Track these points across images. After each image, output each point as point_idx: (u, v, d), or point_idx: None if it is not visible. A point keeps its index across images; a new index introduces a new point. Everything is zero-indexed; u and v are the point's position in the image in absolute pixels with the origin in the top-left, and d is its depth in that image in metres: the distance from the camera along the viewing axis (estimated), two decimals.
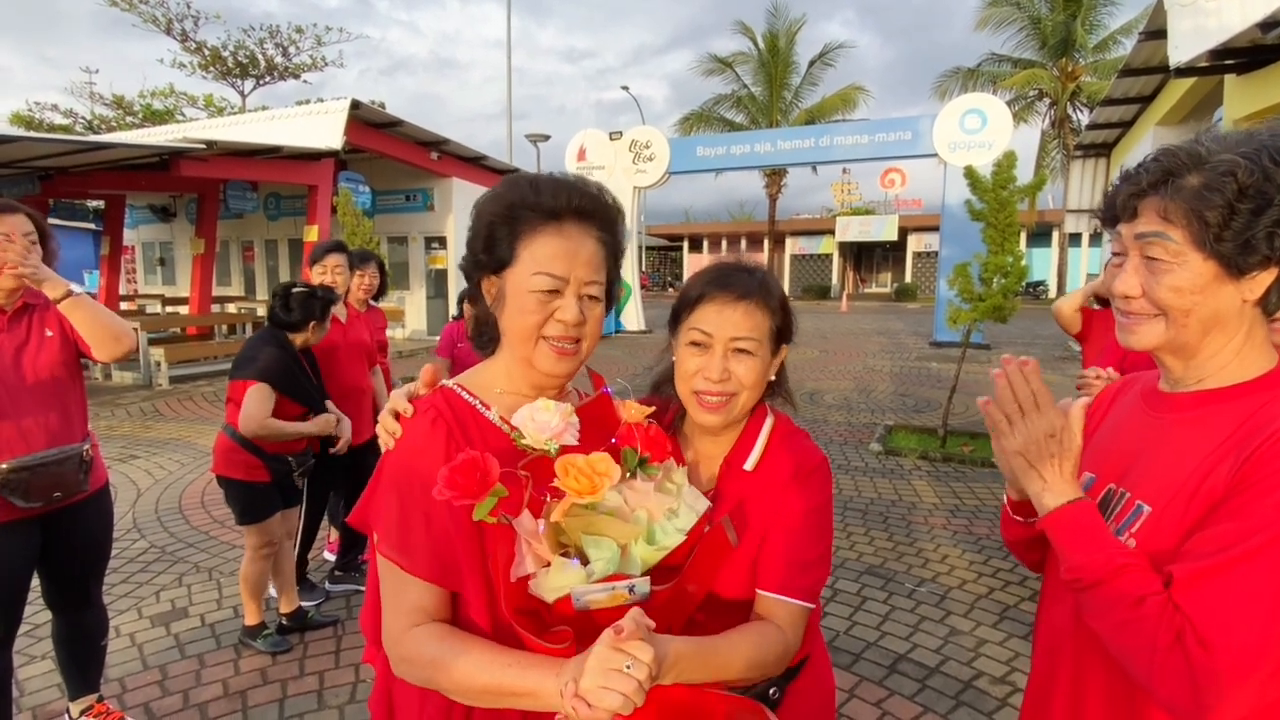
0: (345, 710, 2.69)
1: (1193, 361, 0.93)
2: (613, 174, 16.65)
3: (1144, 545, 0.90)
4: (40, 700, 2.74)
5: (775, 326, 1.15)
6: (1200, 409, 0.93)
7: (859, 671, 2.94)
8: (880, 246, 34.73)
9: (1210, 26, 7.06)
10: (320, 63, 30.07)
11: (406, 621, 0.94)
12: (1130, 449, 1.00)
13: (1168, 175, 0.87)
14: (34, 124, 26.57)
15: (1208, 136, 0.88)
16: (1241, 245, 0.83)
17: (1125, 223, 0.92)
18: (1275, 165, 0.82)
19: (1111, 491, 0.99)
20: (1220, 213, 0.83)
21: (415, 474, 0.96)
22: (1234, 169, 0.82)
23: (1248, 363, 0.91)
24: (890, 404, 8.54)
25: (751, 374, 1.11)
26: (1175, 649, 0.79)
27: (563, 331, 1.02)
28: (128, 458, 6.20)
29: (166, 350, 9.94)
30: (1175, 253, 0.87)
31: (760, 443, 1.15)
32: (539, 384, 1.07)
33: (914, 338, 15.84)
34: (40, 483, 2.11)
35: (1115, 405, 1.13)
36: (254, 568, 3.03)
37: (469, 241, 1.07)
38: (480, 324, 1.12)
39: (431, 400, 1.04)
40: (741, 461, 1.15)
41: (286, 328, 3.00)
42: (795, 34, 29.18)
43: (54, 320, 2.24)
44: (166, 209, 17.74)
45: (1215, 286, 0.87)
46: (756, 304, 1.12)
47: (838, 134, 15.83)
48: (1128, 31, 23.22)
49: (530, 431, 0.98)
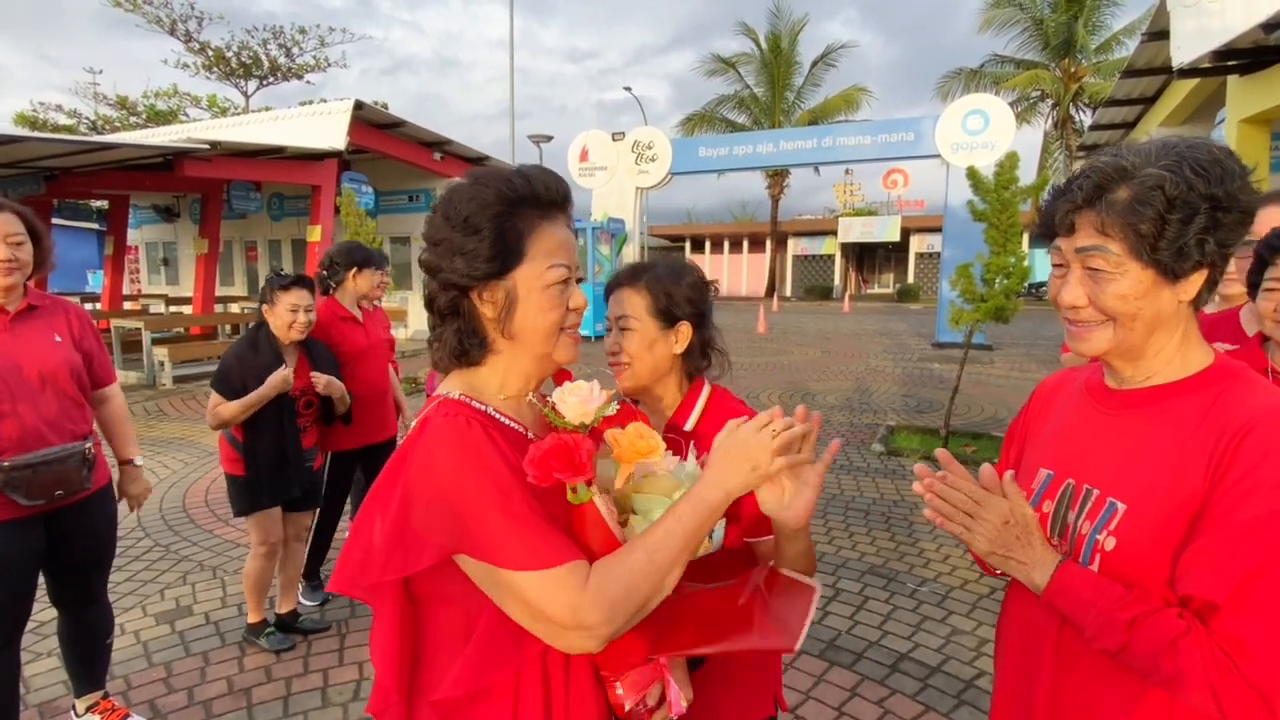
0: (349, 708, 2.70)
1: (1140, 361, 0.99)
2: (615, 174, 16.66)
3: (1124, 542, 0.93)
4: (46, 697, 2.75)
5: (658, 307, 1.36)
6: (1156, 404, 0.97)
7: (861, 671, 2.94)
8: (883, 247, 34.70)
9: (1213, 27, 7.06)
10: (323, 63, 30.16)
11: (572, 601, 0.86)
12: (1083, 443, 1.04)
13: (1099, 190, 0.92)
14: (38, 124, 26.65)
15: (1128, 149, 0.94)
16: (1176, 253, 0.89)
17: (1064, 237, 0.97)
18: (1195, 176, 0.87)
19: (1071, 486, 1.03)
20: (1153, 225, 0.88)
21: (498, 475, 0.90)
22: (1161, 183, 0.88)
23: (1190, 358, 0.97)
24: (892, 404, 8.53)
25: (633, 345, 1.35)
26: (1232, 673, 0.81)
27: (577, 319, 1.04)
28: None
29: (170, 350, 9.96)
30: (1116, 263, 0.92)
31: (698, 407, 1.38)
32: (545, 375, 1.07)
33: (916, 338, 15.83)
34: (42, 481, 2.12)
35: (1055, 401, 1.17)
36: (254, 565, 3.04)
37: (464, 249, 0.97)
38: (467, 336, 1.01)
39: (453, 409, 0.96)
40: (683, 423, 1.37)
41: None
42: (798, 34, 29.23)
43: (64, 327, 2.26)
44: (170, 209, 17.77)
45: (1156, 291, 0.92)
46: (631, 289, 1.38)
47: (840, 135, 15.81)
48: (1130, 32, 23.21)
49: (571, 406, 0.97)
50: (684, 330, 1.37)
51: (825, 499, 5.12)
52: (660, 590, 0.91)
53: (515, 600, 0.89)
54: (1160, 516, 0.91)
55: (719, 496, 0.93)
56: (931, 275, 32.61)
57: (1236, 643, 0.82)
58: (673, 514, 0.93)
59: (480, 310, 1.00)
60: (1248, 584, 0.82)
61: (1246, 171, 0.91)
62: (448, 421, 0.93)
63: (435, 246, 1.00)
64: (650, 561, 0.89)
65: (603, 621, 0.87)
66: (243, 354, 2.92)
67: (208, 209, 13.06)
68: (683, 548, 0.91)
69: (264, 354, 2.92)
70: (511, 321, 1.00)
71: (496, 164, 1.09)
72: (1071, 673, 0.99)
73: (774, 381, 10.09)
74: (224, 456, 3.03)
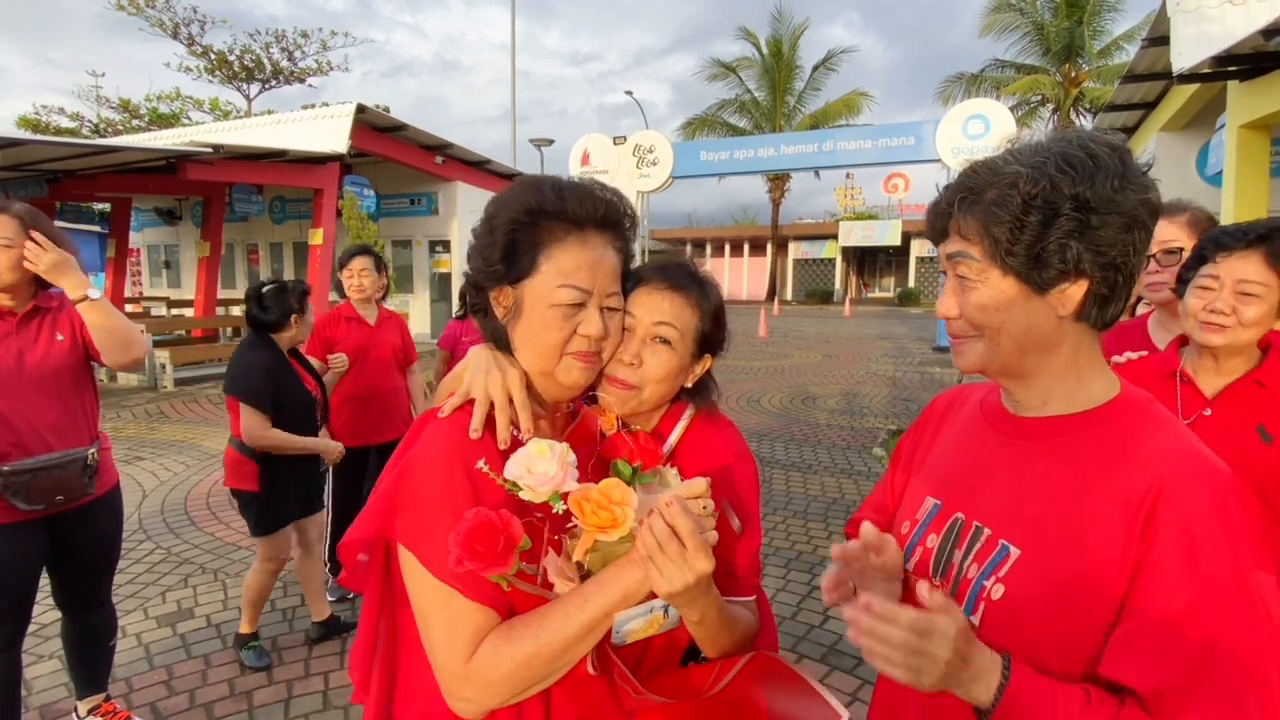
0: (350, 711, 2.70)
1: (1026, 382, 0.89)
2: (616, 178, 16.66)
3: (1014, 593, 0.83)
4: (48, 699, 2.76)
5: (702, 329, 1.13)
6: (1054, 437, 0.88)
7: (861, 675, 2.94)
8: (883, 251, 34.68)
9: (1213, 33, 7.07)
10: (325, 67, 30.26)
11: (469, 651, 0.86)
12: (975, 473, 0.94)
13: (967, 191, 0.84)
14: (41, 127, 26.70)
15: (1013, 147, 0.85)
16: (1033, 259, 0.80)
17: (939, 243, 0.90)
18: (1061, 173, 0.78)
19: (960, 521, 0.93)
20: (1008, 227, 0.80)
21: (459, 487, 0.89)
22: (1017, 180, 0.79)
23: (1091, 387, 0.88)
24: (893, 409, 8.54)
25: (662, 368, 1.08)
26: None
27: (587, 347, 0.98)
28: (133, 459, 6.23)
29: (172, 352, 9.99)
30: (978, 270, 0.84)
31: (675, 434, 1.13)
32: (557, 396, 1.04)
33: (917, 342, 15.83)
34: (42, 486, 2.11)
35: (948, 420, 1.07)
36: (259, 579, 2.99)
37: (482, 249, 0.99)
38: (491, 337, 1.03)
39: (468, 411, 0.96)
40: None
41: (268, 329, 2.93)
42: (799, 39, 29.30)
43: (66, 324, 2.24)
44: (172, 212, 17.82)
45: (1022, 302, 0.83)
46: (687, 297, 1.11)
47: (841, 139, 15.85)
48: (1131, 38, 23.25)
49: (529, 485, 0.87)
50: (704, 364, 1.18)
51: (826, 503, 5.12)
52: (553, 673, 0.88)
53: (423, 617, 0.89)
54: (1058, 570, 0.80)
55: (638, 577, 0.86)
56: (932, 279, 32.63)
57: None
58: (578, 595, 0.87)
59: (499, 314, 1.01)
60: (1195, 671, 0.72)
61: (1131, 172, 0.80)
62: (455, 420, 0.94)
63: (474, 241, 1.02)
64: (538, 654, 0.85)
65: (478, 698, 0.86)
66: (264, 362, 2.89)
67: (210, 212, 13.10)
68: (579, 636, 0.86)
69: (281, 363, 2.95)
70: (515, 331, 1.00)
71: (542, 176, 1.02)
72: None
73: (775, 385, 10.08)
74: (232, 472, 2.89)
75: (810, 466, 6.06)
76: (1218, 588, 0.73)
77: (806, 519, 4.79)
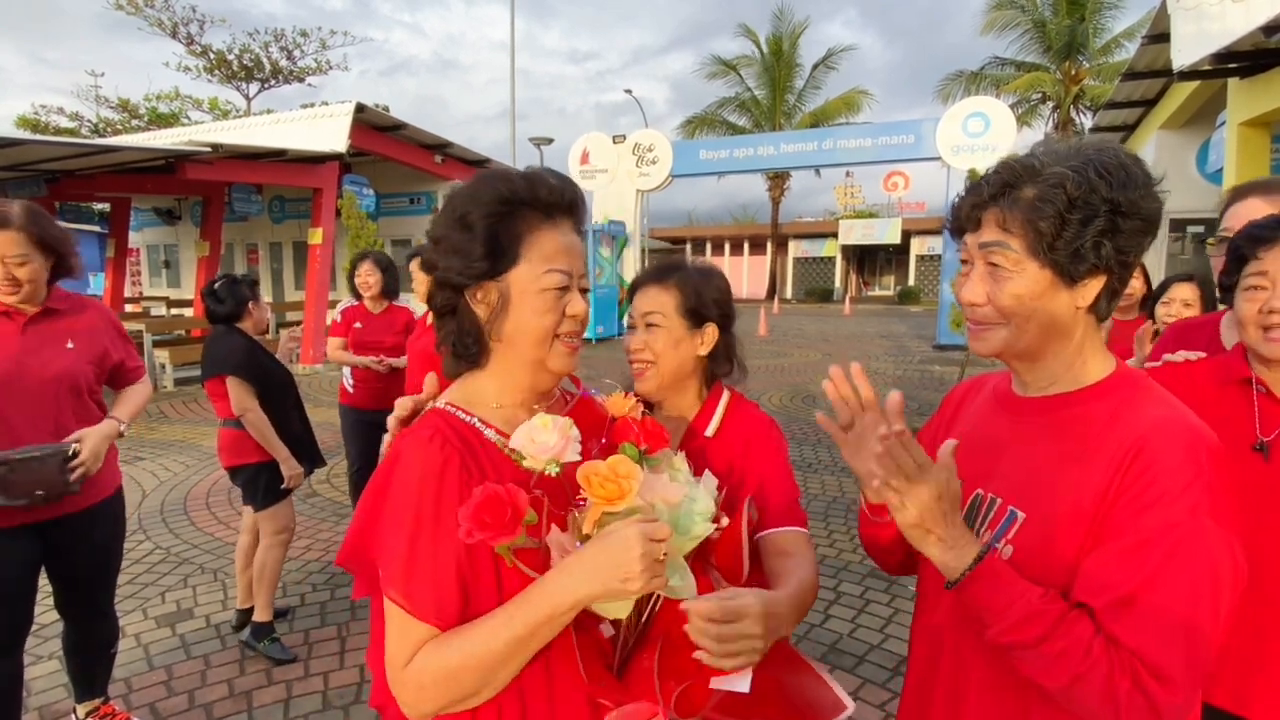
0: (350, 710, 2.70)
1: (1038, 365, 0.98)
2: (616, 177, 16.68)
3: (1021, 551, 0.92)
4: (46, 700, 2.75)
5: (686, 304, 1.34)
6: (1057, 412, 0.97)
7: (863, 674, 2.94)
8: (883, 249, 34.65)
9: (1213, 30, 7.07)
10: (324, 66, 30.24)
11: (408, 657, 0.89)
12: (989, 453, 1.03)
13: (1006, 187, 0.91)
14: (40, 127, 26.69)
15: (1041, 149, 0.93)
16: (1072, 253, 0.89)
17: (970, 233, 0.96)
18: (1099, 178, 0.87)
19: (980, 497, 1.01)
20: (1052, 223, 0.88)
21: (425, 505, 0.90)
22: (1063, 181, 0.87)
23: (1090, 367, 0.97)
24: None
25: (659, 342, 1.33)
26: (1136, 693, 0.79)
27: (575, 327, 1.01)
28: (133, 459, 6.22)
29: (171, 352, 9.97)
30: (1015, 261, 0.91)
31: (718, 413, 1.35)
32: (542, 387, 1.04)
33: (917, 341, 15.82)
34: (20, 479, 2.03)
35: (965, 407, 1.16)
36: (271, 555, 3.04)
37: (459, 247, 0.97)
38: (463, 336, 1.01)
39: (432, 421, 0.97)
40: (703, 429, 1.35)
41: (229, 319, 3.04)
42: (798, 37, 29.24)
43: (82, 330, 2.23)
44: (171, 212, 17.81)
45: (1051, 293, 0.91)
46: (664, 286, 1.35)
47: (841, 137, 15.85)
48: (1131, 35, 23.19)
49: (531, 453, 0.92)
50: (710, 332, 1.36)
51: (827, 501, 5.12)
52: (487, 685, 0.88)
53: (389, 619, 0.92)
54: (1055, 527, 0.90)
55: (567, 603, 0.85)
56: (932, 277, 32.57)
57: (1132, 647, 0.80)
58: (504, 613, 0.87)
59: (475, 310, 1.00)
60: (1144, 589, 0.81)
61: (1152, 181, 0.90)
62: (416, 432, 0.96)
63: (436, 244, 1.01)
64: (463, 666, 0.86)
65: (411, 702, 0.89)
66: (239, 344, 3.01)
67: (209, 211, 13.09)
68: (506, 654, 0.86)
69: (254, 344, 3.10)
70: (503, 324, 0.99)
71: (502, 166, 1.05)
72: (967, 684, 0.99)
73: (775, 384, 10.08)
74: (230, 451, 2.97)
75: (810, 465, 6.06)
76: (1168, 529, 0.81)
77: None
